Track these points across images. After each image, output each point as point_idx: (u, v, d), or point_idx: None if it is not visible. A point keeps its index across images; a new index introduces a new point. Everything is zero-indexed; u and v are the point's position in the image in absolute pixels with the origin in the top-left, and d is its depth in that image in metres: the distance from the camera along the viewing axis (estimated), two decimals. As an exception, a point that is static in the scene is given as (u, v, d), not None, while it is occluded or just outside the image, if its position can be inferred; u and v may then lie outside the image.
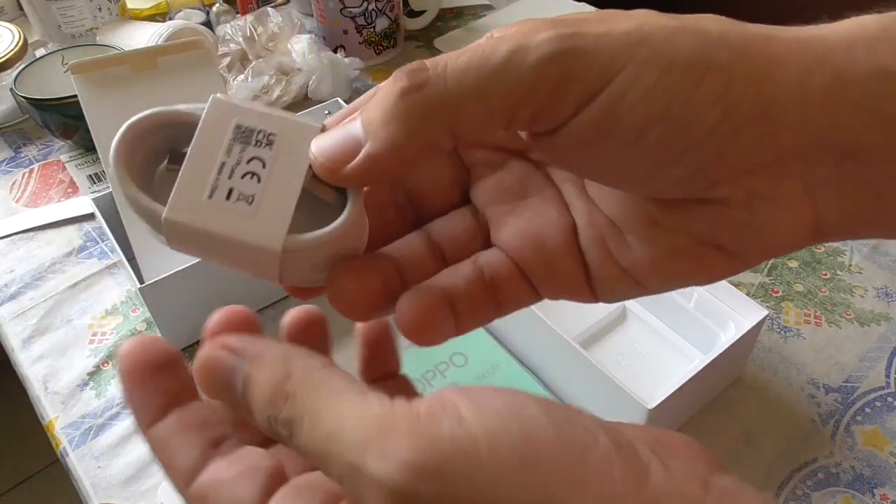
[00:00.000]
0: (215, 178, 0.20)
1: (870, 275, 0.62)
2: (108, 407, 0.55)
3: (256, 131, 0.21)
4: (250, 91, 0.78)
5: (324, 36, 0.88)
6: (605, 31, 0.19)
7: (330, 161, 0.20)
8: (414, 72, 0.19)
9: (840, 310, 0.59)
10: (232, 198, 0.20)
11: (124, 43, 0.80)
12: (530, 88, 0.19)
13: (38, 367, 0.58)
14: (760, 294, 0.61)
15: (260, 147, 0.21)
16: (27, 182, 0.75)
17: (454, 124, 0.19)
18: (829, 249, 0.64)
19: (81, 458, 0.52)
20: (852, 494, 0.48)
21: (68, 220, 0.70)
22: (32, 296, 0.63)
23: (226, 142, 0.21)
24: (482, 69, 0.19)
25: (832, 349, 0.57)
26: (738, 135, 0.19)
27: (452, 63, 0.19)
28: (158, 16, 0.94)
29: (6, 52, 0.80)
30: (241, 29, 0.82)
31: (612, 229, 0.23)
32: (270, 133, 0.21)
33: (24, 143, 0.80)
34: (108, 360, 0.58)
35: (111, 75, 0.60)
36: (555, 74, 0.19)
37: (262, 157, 0.20)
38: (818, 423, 0.52)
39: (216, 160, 0.20)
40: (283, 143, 0.21)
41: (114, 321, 0.61)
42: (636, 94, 0.19)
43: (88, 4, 0.85)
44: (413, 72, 0.19)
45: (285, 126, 0.21)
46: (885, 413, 0.52)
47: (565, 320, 0.56)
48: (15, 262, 0.67)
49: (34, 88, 0.73)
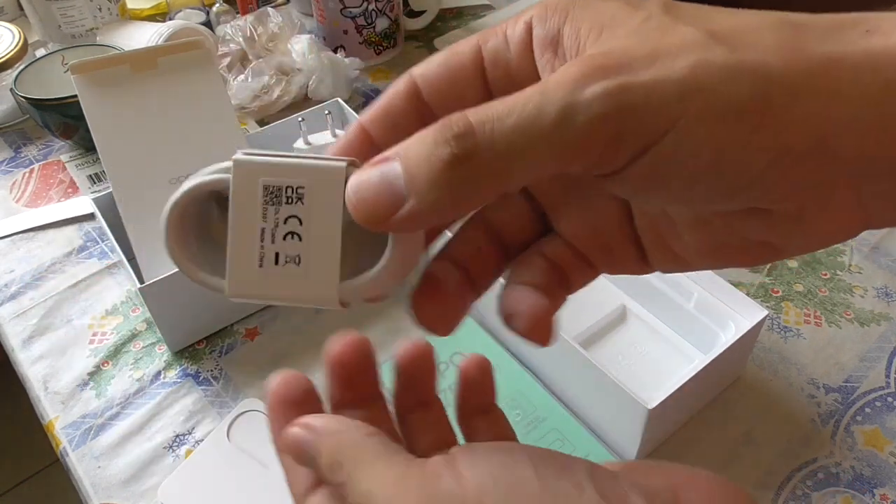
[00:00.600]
0: (259, 246, 0.22)
1: (870, 275, 0.62)
2: (108, 407, 0.55)
3: (285, 188, 0.21)
4: (250, 91, 0.78)
5: (324, 36, 0.88)
6: (656, 80, 0.18)
7: (372, 212, 0.20)
8: (460, 137, 0.18)
9: (840, 310, 0.59)
10: (280, 262, 0.22)
11: (124, 43, 0.80)
12: (582, 148, 0.18)
13: (38, 367, 0.58)
14: (760, 294, 0.61)
15: (292, 204, 0.21)
16: (27, 182, 0.75)
17: (502, 187, 0.19)
18: (828, 249, 0.64)
19: (81, 458, 0.52)
20: (852, 494, 0.48)
21: (68, 220, 0.70)
22: (32, 296, 0.63)
23: (259, 206, 0.21)
24: (531, 133, 0.18)
25: (832, 349, 0.57)
26: (792, 169, 0.19)
27: (499, 126, 0.18)
28: (158, 16, 0.94)
29: (6, 52, 0.80)
30: (241, 29, 0.82)
31: (664, 219, 0.23)
32: (299, 187, 0.21)
33: (24, 143, 0.81)
34: (108, 360, 0.58)
35: (111, 75, 0.60)
36: (607, 133, 0.18)
37: (298, 214, 0.21)
38: (818, 423, 0.52)
39: (256, 228, 0.22)
40: (314, 194, 0.21)
41: (114, 321, 0.61)
42: (690, 147, 0.18)
43: (88, 4, 0.85)
44: (459, 137, 0.18)
45: (312, 175, 0.21)
46: (885, 413, 0.52)
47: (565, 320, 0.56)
48: (15, 262, 0.67)
49: (34, 88, 0.73)
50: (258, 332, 0.59)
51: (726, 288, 0.53)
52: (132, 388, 0.56)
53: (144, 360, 0.58)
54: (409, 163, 0.19)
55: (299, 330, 0.59)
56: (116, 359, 0.58)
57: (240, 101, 0.78)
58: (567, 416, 0.51)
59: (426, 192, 0.19)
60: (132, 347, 0.59)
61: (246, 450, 0.51)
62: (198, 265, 0.23)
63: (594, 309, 0.58)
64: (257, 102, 0.79)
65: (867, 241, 0.65)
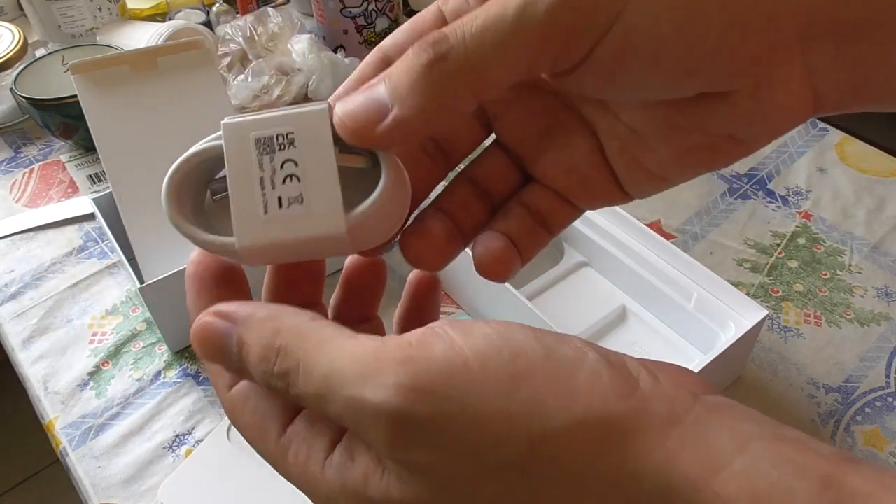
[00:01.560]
0: (261, 194, 0.22)
1: (870, 275, 0.62)
2: (108, 407, 0.55)
3: (276, 136, 0.22)
4: (250, 91, 0.78)
5: (324, 36, 0.88)
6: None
7: (358, 124, 0.21)
8: (436, 43, 0.20)
9: (840, 310, 0.59)
10: (284, 204, 0.22)
11: (124, 43, 0.80)
12: (546, 36, 0.20)
13: (38, 367, 0.58)
14: (760, 294, 0.61)
15: (285, 150, 0.22)
16: (27, 182, 0.75)
17: (478, 85, 0.20)
18: (828, 249, 0.64)
19: (81, 458, 0.52)
20: (852, 494, 0.48)
21: (68, 220, 0.70)
22: (32, 296, 0.63)
23: (255, 159, 0.22)
24: (498, 29, 0.19)
25: (832, 349, 0.57)
26: (745, 36, 0.20)
27: (469, 28, 0.20)
28: (158, 16, 0.94)
29: (6, 52, 0.80)
30: (241, 29, 0.82)
31: (633, 136, 0.24)
32: (288, 132, 0.22)
33: (24, 143, 0.81)
34: (108, 360, 0.58)
35: (111, 75, 0.60)
36: (567, 18, 0.19)
37: (292, 157, 0.22)
38: (818, 423, 0.52)
39: (255, 178, 0.22)
40: (303, 136, 0.22)
41: (114, 321, 0.61)
42: (646, 22, 0.19)
43: (88, 4, 0.85)
44: (435, 43, 0.20)
45: (298, 120, 0.22)
46: (885, 413, 0.52)
47: (565, 320, 0.56)
48: (15, 262, 0.67)
49: (34, 88, 0.73)
50: (258, 332, 0.59)
51: (726, 288, 0.53)
52: (132, 388, 0.56)
53: (144, 360, 0.58)
54: (392, 77, 0.21)
55: (299, 330, 0.59)
56: (116, 359, 0.58)
57: (240, 101, 0.78)
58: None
59: (407, 97, 0.20)
60: (132, 347, 0.59)
61: (246, 450, 0.51)
62: (203, 229, 0.23)
63: (594, 309, 0.58)
64: (257, 102, 0.79)
65: (867, 241, 0.65)
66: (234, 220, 0.22)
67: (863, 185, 0.71)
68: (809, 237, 0.66)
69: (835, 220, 0.67)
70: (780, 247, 0.65)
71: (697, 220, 0.68)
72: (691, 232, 0.66)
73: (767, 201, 0.69)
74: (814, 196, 0.70)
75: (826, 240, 0.65)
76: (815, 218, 0.68)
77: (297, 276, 0.25)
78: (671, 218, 0.67)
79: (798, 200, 0.69)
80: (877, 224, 0.67)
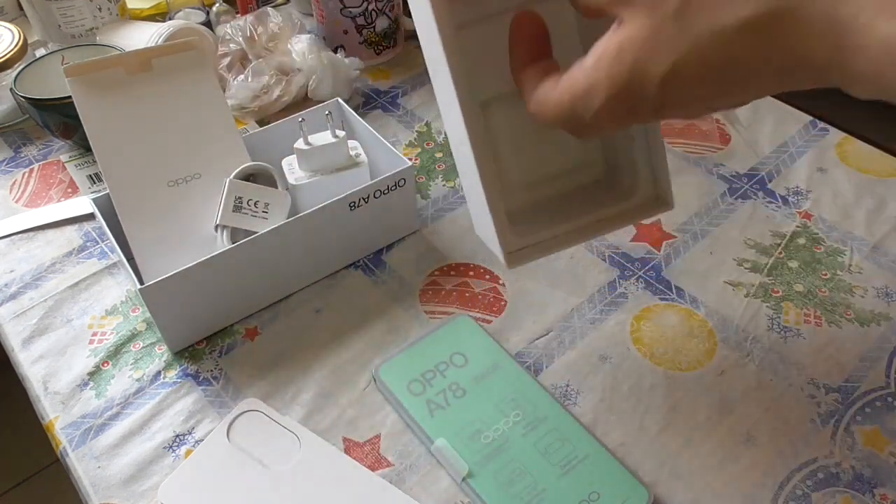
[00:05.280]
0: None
1: (870, 275, 0.62)
2: (108, 407, 0.55)
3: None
4: (250, 91, 0.78)
5: (324, 36, 0.88)
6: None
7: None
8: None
9: (840, 310, 0.59)
10: None
11: (124, 43, 0.80)
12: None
13: (38, 367, 0.58)
14: (760, 294, 0.61)
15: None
16: (27, 182, 0.75)
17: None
18: (828, 249, 0.64)
19: (81, 458, 0.52)
20: (852, 494, 0.48)
21: (68, 220, 0.70)
22: (32, 296, 0.63)
23: None
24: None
25: (832, 349, 0.57)
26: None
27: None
28: (158, 16, 0.94)
29: (6, 52, 0.80)
30: (241, 29, 0.82)
31: None
32: None
33: (24, 143, 0.80)
34: (108, 360, 0.58)
35: (106, 78, 0.60)
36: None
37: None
38: (818, 423, 0.52)
39: None
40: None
41: (114, 321, 0.61)
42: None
43: (88, 4, 0.85)
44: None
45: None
46: (885, 413, 0.52)
47: (565, 320, 0.56)
48: (15, 262, 0.67)
49: (34, 88, 0.73)
50: (258, 332, 0.59)
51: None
52: (132, 388, 0.56)
53: (144, 360, 0.58)
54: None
55: (299, 330, 0.59)
56: (116, 359, 0.58)
57: (240, 101, 0.78)
58: (567, 416, 0.51)
59: None
60: (132, 347, 0.59)
61: (246, 450, 0.51)
62: None
63: (594, 309, 0.57)
64: (257, 102, 0.79)
65: (867, 241, 0.65)
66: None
67: (863, 185, 0.71)
68: (809, 237, 0.66)
69: (835, 220, 0.67)
70: (780, 247, 0.65)
71: (697, 219, 0.68)
72: (691, 231, 0.66)
73: (767, 201, 0.69)
74: (814, 196, 0.70)
75: (826, 240, 0.65)
76: (815, 218, 0.68)
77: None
78: (671, 217, 0.67)
79: (798, 200, 0.69)
80: (877, 224, 0.67)
